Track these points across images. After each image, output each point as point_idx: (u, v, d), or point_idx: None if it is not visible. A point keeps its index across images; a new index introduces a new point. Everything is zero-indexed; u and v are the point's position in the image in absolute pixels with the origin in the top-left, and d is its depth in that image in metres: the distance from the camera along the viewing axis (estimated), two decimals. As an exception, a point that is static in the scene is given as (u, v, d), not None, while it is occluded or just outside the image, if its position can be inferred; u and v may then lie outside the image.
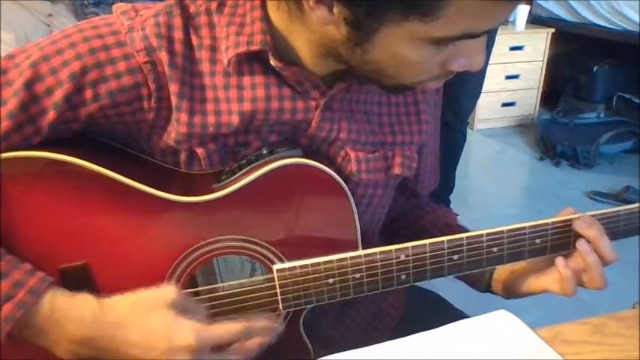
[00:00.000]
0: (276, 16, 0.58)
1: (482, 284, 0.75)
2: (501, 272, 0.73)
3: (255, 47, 0.58)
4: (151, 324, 0.54)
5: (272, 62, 0.58)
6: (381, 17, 0.49)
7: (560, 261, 0.64)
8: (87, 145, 0.61)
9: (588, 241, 0.63)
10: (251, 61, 0.60)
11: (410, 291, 0.82)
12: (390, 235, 0.83)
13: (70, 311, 0.53)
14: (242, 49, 0.58)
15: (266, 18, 0.59)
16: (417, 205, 0.85)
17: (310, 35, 0.56)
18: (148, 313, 0.54)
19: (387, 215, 0.81)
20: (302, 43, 0.58)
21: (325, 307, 0.65)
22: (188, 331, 0.53)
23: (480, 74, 2.06)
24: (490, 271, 0.74)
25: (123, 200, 0.57)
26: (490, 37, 1.96)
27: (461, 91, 2.03)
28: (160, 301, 0.54)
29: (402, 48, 0.52)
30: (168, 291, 0.55)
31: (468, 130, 2.22)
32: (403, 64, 0.54)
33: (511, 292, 0.72)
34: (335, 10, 0.50)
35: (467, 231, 0.64)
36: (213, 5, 0.60)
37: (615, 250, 0.65)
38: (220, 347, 0.56)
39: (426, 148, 0.77)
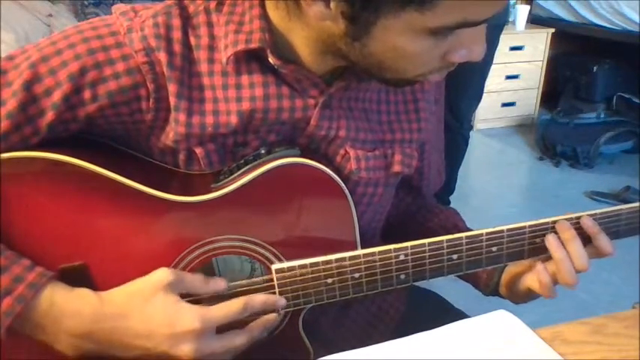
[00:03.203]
0: (275, 14, 0.58)
1: (489, 288, 0.75)
2: (506, 276, 0.73)
3: (253, 45, 0.58)
4: (151, 311, 0.54)
5: (271, 60, 0.58)
6: (378, 9, 0.49)
7: (539, 267, 0.64)
8: (86, 146, 0.61)
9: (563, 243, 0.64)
10: (249, 60, 0.60)
11: (410, 291, 0.82)
12: (398, 238, 0.83)
13: (69, 306, 0.53)
14: (241, 47, 0.58)
15: (265, 16, 0.59)
16: (425, 207, 0.84)
17: (309, 32, 0.56)
18: (147, 300, 0.54)
19: (394, 217, 0.80)
20: (301, 41, 0.58)
21: (325, 307, 0.65)
22: (191, 315, 0.54)
23: (481, 76, 2.06)
24: (498, 276, 0.74)
25: (121, 200, 0.57)
26: (492, 41, 1.96)
27: (459, 93, 2.03)
28: (158, 286, 0.55)
29: (400, 40, 0.52)
30: (163, 274, 0.55)
31: (468, 130, 2.21)
32: (403, 57, 0.54)
33: (514, 297, 0.72)
34: (332, 4, 0.50)
35: None
36: (212, 4, 0.60)
37: (615, 250, 0.65)
38: (223, 330, 0.57)
39: (427, 145, 0.76)
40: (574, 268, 0.63)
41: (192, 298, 0.60)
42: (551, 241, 0.64)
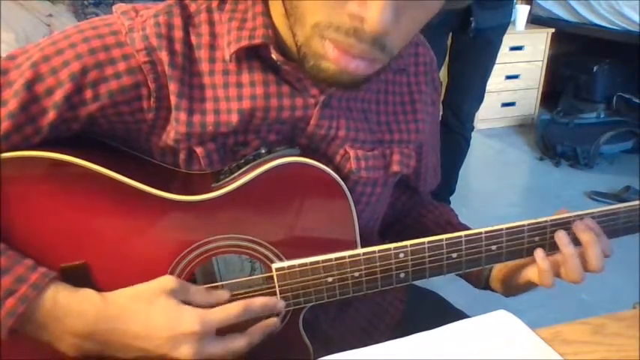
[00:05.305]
0: (277, 12, 0.58)
1: (481, 282, 0.76)
2: (498, 270, 0.74)
3: (257, 41, 0.58)
4: (152, 314, 0.54)
5: (274, 56, 0.58)
6: None
7: (539, 253, 0.64)
8: (87, 145, 0.61)
9: (581, 244, 0.63)
10: (250, 59, 0.60)
11: (410, 290, 0.82)
12: (393, 235, 0.83)
13: (72, 306, 0.54)
14: (244, 43, 0.58)
15: (267, 13, 0.59)
16: (419, 204, 0.85)
17: None
18: (149, 304, 0.55)
19: (389, 215, 0.81)
20: None
21: (325, 306, 0.65)
22: (192, 317, 0.54)
23: (483, 77, 2.06)
24: (488, 269, 0.75)
25: (122, 199, 0.57)
26: (495, 42, 1.97)
27: (461, 94, 2.03)
28: (160, 291, 0.55)
29: None
30: (166, 280, 0.56)
31: (468, 130, 2.21)
32: None
33: (508, 289, 0.73)
34: None
35: (468, 229, 0.64)
36: (214, 3, 0.60)
37: (615, 250, 0.65)
38: (223, 333, 0.57)
39: (425, 146, 0.77)
40: (589, 269, 0.63)
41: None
42: (561, 236, 0.63)
